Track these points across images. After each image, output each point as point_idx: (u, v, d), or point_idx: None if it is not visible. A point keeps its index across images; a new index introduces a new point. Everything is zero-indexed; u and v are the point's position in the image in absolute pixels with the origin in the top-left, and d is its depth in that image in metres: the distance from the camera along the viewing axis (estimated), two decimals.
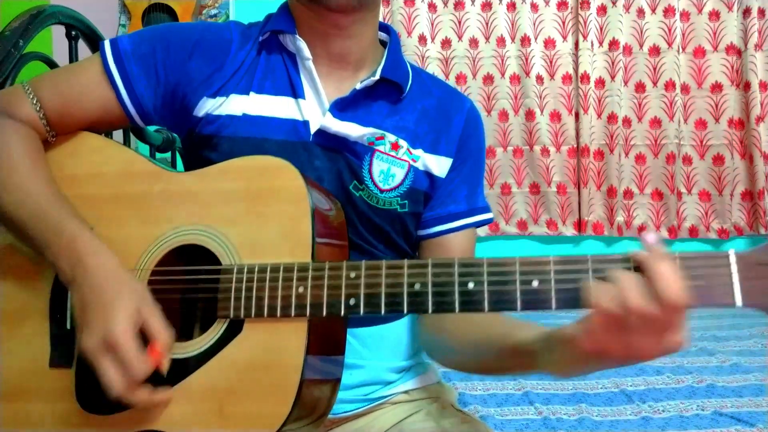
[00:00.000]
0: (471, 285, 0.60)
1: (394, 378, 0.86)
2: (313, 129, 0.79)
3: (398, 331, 0.86)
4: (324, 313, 0.64)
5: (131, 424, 0.67)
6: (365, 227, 0.81)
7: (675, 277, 0.53)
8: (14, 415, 0.72)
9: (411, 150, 0.82)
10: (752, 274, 0.54)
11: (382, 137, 0.81)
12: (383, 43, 0.89)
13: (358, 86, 0.80)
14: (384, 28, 0.89)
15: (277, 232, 0.68)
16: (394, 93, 0.83)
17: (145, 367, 0.63)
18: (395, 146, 0.81)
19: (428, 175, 0.84)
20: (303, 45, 0.80)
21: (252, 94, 0.80)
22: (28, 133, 0.78)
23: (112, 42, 0.82)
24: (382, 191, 0.81)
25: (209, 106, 0.80)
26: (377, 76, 0.80)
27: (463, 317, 0.73)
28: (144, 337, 0.65)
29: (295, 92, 0.80)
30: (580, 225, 2.83)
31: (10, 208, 0.72)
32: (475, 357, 0.79)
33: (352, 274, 0.64)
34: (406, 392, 0.87)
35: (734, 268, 0.54)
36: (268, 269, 0.66)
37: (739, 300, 0.54)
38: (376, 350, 0.83)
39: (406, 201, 0.82)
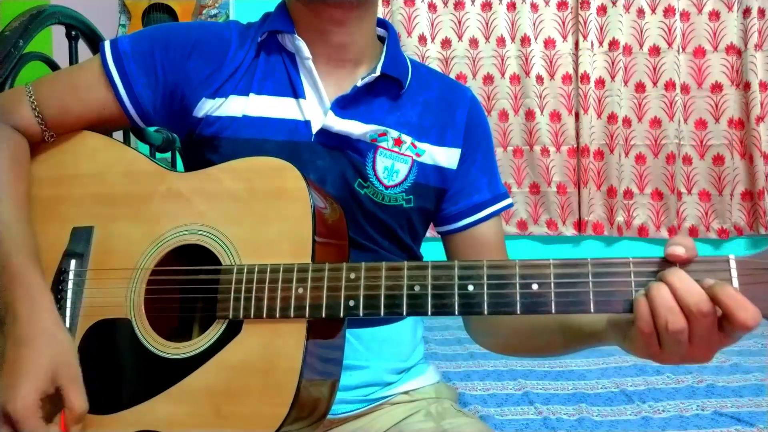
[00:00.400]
0: (470, 288, 0.60)
1: (394, 379, 0.86)
2: (315, 128, 0.79)
3: (400, 332, 0.86)
4: (323, 314, 0.64)
5: (127, 425, 0.67)
6: (371, 225, 0.81)
7: (692, 285, 0.53)
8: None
9: (416, 144, 0.82)
10: (752, 279, 0.54)
11: (384, 133, 0.81)
12: (381, 39, 0.89)
13: (359, 83, 0.80)
14: (381, 23, 0.89)
15: (277, 233, 0.68)
16: (394, 88, 0.83)
17: None
18: (398, 142, 0.81)
19: (437, 168, 0.84)
20: (302, 44, 0.80)
21: (252, 95, 0.80)
22: (13, 142, 0.77)
23: (112, 42, 0.82)
24: (387, 187, 0.81)
25: (208, 107, 0.80)
26: (378, 73, 0.80)
27: None
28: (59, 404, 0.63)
29: (296, 92, 0.80)
30: (580, 225, 2.82)
31: None
32: (534, 342, 0.79)
33: (352, 276, 0.64)
34: (406, 393, 0.87)
35: (734, 273, 0.54)
36: (268, 270, 0.66)
37: None
38: (378, 351, 0.83)
39: (411, 196, 0.82)
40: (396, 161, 0.81)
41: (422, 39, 2.81)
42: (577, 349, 0.72)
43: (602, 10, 2.76)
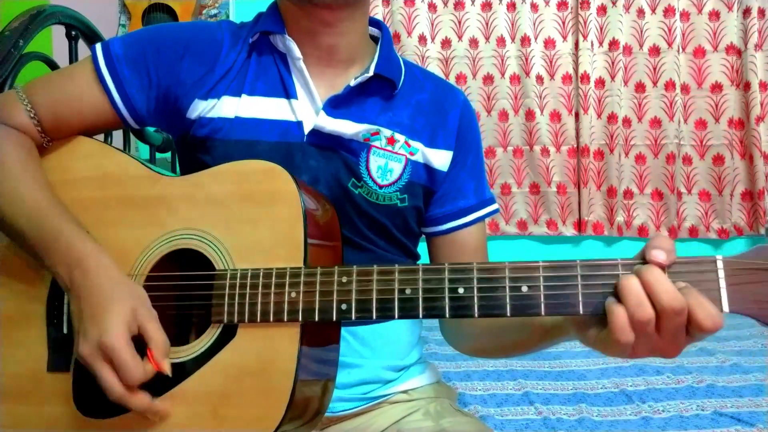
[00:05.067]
0: (461, 290, 0.61)
1: (392, 377, 0.86)
2: (307, 129, 0.79)
3: (398, 330, 0.86)
4: (316, 318, 0.64)
5: (127, 429, 0.67)
6: (365, 224, 0.81)
7: (666, 284, 0.53)
8: (12, 419, 0.72)
9: (409, 143, 0.82)
10: (739, 280, 0.54)
11: (377, 132, 0.81)
12: (375, 39, 0.89)
13: (352, 83, 0.80)
14: (375, 23, 0.89)
15: (269, 236, 0.68)
16: (387, 89, 0.83)
17: (141, 371, 0.63)
18: (391, 141, 0.81)
19: (427, 168, 0.84)
20: (293, 45, 0.80)
21: (244, 96, 0.80)
22: (22, 140, 0.78)
23: (104, 45, 0.82)
24: (381, 187, 0.81)
25: (201, 109, 0.80)
26: (371, 73, 0.80)
27: None
28: (142, 341, 0.65)
29: (288, 93, 0.80)
30: (580, 225, 2.82)
31: (7, 215, 0.72)
32: (501, 340, 0.79)
33: (344, 280, 0.64)
34: (405, 392, 0.87)
35: (721, 273, 0.54)
36: (261, 274, 0.66)
37: (726, 306, 0.54)
38: (375, 349, 0.83)
39: (405, 195, 0.82)
40: (389, 160, 0.81)
41: (422, 39, 2.81)
42: (543, 345, 0.72)
43: (602, 10, 2.76)
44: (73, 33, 1.17)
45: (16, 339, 0.74)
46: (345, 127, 0.79)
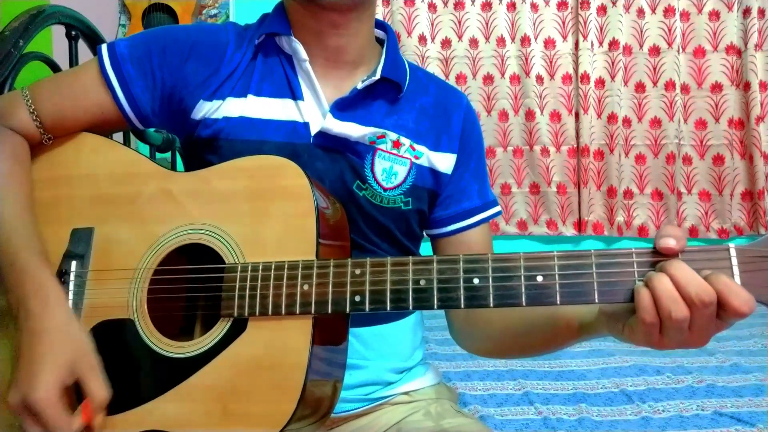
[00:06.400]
0: (476, 281, 0.60)
1: (394, 378, 0.86)
2: (313, 131, 0.79)
3: (400, 331, 0.86)
4: (329, 310, 0.64)
5: (134, 425, 0.67)
6: (369, 227, 0.81)
7: (693, 276, 0.54)
8: (11, 417, 0.72)
9: (414, 146, 0.82)
10: (752, 267, 0.54)
11: (383, 136, 0.81)
12: (380, 41, 0.89)
13: (360, 86, 0.80)
14: (380, 25, 0.89)
15: (280, 231, 0.68)
16: (392, 92, 0.83)
17: (68, 429, 0.61)
18: (397, 144, 0.81)
19: (432, 171, 0.84)
20: (299, 47, 0.80)
21: (250, 96, 0.80)
22: (14, 145, 0.77)
23: (110, 46, 0.82)
24: (385, 189, 0.81)
25: (206, 109, 0.80)
26: (378, 76, 0.80)
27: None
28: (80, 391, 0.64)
29: (294, 94, 0.80)
30: (580, 225, 2.83)
31: None
32: (522, 342, 0.79)
33: (357, 271, 0.64)
34: (406, 393, 0.87)
35: (734, 261, 0.55)
36: (273, 267, 0.66)
37: None
38: (378, 350, 0.83)
39: (409, 198, 0.82)
40: (395, 163, 0.81)
41: (422, 39, 2.81)
42: (568, 344, 0.72)
43: (602, 10, 2.77)
44: (73, 33, 1.16)
45: (13, 336, 0.74)
46: (351, 130, 0.79)
